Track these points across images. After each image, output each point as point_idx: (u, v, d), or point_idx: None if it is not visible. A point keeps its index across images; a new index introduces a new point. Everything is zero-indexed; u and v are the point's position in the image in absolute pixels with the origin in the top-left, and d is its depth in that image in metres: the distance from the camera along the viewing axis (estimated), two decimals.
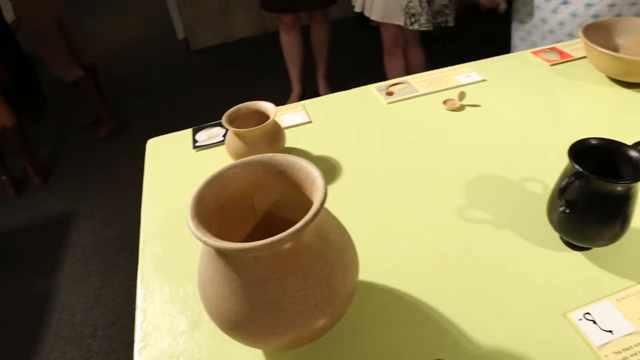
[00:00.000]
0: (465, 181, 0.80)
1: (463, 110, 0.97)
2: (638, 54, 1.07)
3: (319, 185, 0.49)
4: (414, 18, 1.92)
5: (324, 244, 0.49)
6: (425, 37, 2.23)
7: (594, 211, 0.60)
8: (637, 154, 0.60)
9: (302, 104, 1.06)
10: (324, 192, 0.47)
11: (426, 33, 2.03)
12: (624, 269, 0.64)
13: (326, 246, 0.50)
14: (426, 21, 1.92)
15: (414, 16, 1.92)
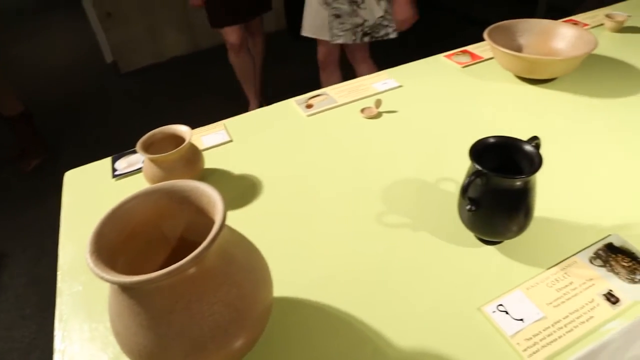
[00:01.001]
0: (383, 187, 0.81)
1: (380, 117, 1.00)
2: (540, 52, 1.13)
3: (219, 209, 0.49)
4: (330, 31, 1.91)
5: (228, 266, 0.49)
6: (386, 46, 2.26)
7: (498, 206, 0.62)
8: (531, 148, 0.63)
9: (222, 123, 1.05)
10: (222, 216, 0.47)
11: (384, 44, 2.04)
12: (532, 258, 0.67)
13: (232, 268, 0.49)
14: (334, 35, 1.90)
15: (331, 29, 1.91)
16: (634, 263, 0.66)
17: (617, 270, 0.65)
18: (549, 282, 0.63)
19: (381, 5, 1.83)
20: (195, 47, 3.99)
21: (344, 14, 1.85)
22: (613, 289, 0.62)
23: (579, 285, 0.63)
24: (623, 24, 1.32)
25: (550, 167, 0.84)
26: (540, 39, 1.15)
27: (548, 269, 0.65)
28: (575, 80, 1.09)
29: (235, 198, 0.84)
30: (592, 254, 0.67)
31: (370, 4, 1.81)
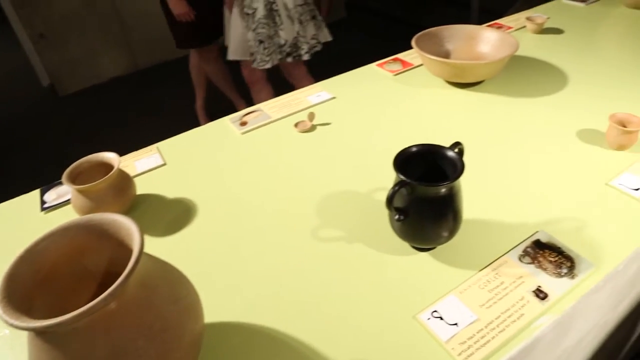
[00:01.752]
0: (318, 201, 0.81)
1: (314, 130, 1.00)
2: (466, 56, 1.16)
3: (136, 242, 0.47)
4: (253, 57, 1.94)
5: (150, 298, 0.48)
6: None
7: (426, 214, 0.63)
8: (453, 154, 0.64)
9: (155, 147, 1.03)
10: (139, 250, 0.46)
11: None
12: (465, 261, 0.68)
13: (154, 300, 0.48)
14: (261, 60, 1.92)
15: (252, 55, 1.94)
16: (560, 257, 0.68)
17: (544, 266, 0.67)
18: (481, 284, 0.65)
19: (295, 26, 1.89)
20: (134, 66, 3.91)
21: (266, 38, 1.87)
22: (541, 285, 0.64)
23: (510, 284, 0.65)
24: (543, 25, 1.38)
25: (479, 168, 0.86)
26: (466, 43, 1.19)
27: (480, 271, 0.67)
28: (501, 81, 1.13)
29: (169, 223, 0.82)
30: (521, 252, 0.69)
31: (287, 24, 1.86)
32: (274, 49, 1.91)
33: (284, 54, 1.93)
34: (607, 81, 1.12)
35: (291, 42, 1.91)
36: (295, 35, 1.91)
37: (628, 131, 0.86)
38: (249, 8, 1.87)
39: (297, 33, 1.91)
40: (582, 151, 0.90)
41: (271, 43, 1.90)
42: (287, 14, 1.87)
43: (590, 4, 1.60)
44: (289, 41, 1.90)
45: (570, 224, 0.74)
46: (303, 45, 1.95)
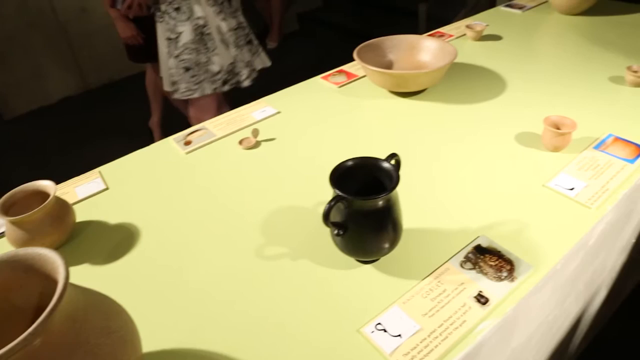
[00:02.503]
0: (262, 219, 0.81)
1: (259, 146, 1.00)
2: (408, 66, 1.19)
3: (61, 276, 0.45)
4: (175, 86, 1.78)
5: (80, 333, 0.46)
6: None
7: (365, 227, 0.64)
8: (389, 165, 0.65)
9: (97, 171, 1.00)
10: (63, 284, 0.44)
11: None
12: (408, 271, 0.69)
13: (84, 334, 0.46)
14: (186, 89, 1.77)
15: (174, 84, 1.78)
16: (500, 261, 0.70)
17: (485, 271, 0.68)
18: (424, 293, 0.65)
19: (230, 51, 1.78)
20: (85, 86, 3.81)
21: (194, 64, 1.74)
22: (483, 290, 0.66)
23: (452, 291, 0.66)
24: (482, 33, 1.42)
25: (421, 177, 0.88)
26: (408, 53, 1.21)
27: (423, 280, 0.67)
28: (443, 88, 1.16)
29: (111, 250, 0.79)
30: (463, 258, 0.70)
31: (221, 49, 1.75)
32: (204, 77, 1.76)
33: (219, 83, 1.79)
34: (543, 85, 1.16)
35: (227, 69, 1.79)
36: (231, 61, 1.80)
37: (561, 133, 0.89)
38: (172, 32, 1.71)
39: (234, 58, 1.80)
40: (520, 154, 0.92)
41: (201, 70, 1.76)
42: (220, 38, 1.75)
43: (526, 11, 1.66)
44: (224, 67, 1.78)
45: (510, 227, 0.76)
46: (242, 71, 1.83)
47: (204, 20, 1.70)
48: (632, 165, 0.88)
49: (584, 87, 1.14)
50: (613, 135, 0.96)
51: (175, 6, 1.68)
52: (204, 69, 1.76)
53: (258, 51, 1.94)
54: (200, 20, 1.69)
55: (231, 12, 1.79)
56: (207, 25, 1.71)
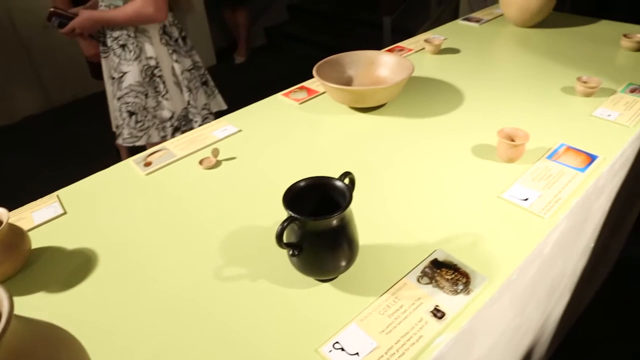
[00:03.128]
0: (222, 239, 0.80)
1: (220, 166, 0.99)
2: (368, 81, 1.20)
3: (5, 310, 0.44)
4: (119, 129, 1.66)
5: None
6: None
7: (320, 246, 0.64)
8: (342, 184, 0.65)
9: (55, 195, 0.98)
10: (7, 318, 0.43)
11: None
12: (366, 287, 0.69)
13: None
14: (130, 135, 1.63)
15: (117, 127, 1.66)
16: (456, 274, 0.71)
17: (441, 285, 0.69)
18: (381, 310, 0.66)
19: (184, 95, 1.64)
20: (48, 104, 3.74)
21: (139, 109, 1.59)
22: (439, 304, 0.66)
23: (409, 306, 0.66)
24: (440, 46, 1.45)
25: (379, 192, 0.89)
26: (367, 69, 1.23)
27: (381, 296, 0.68)
28: (403, 103, 1.18)
29: (68, 277, 0.78)
30: (420, 273, 0.71)
31: (174, 93, 1.62)
32: (152, 124, 1.61)
33: (169, 130, 1.64)
34: (499, 96, 1.19)
35: (180, 115, 1.64)
36: (185, 106, 1.65)
37: (515, 145, 0.92)
38: (115, 71, 1.57)
39: (188, 103, 1.65)
40: (477, 166, 0.94)
41: (148, 116, 1.60)
42: (174, 80, 1.60)
43: (483, 24, 1.70)
44: (177, 113, 1.63)
45: (467, 240, 0.77)
46: (196, 117, 1.68)
47: (155, 61, 1.56)
48: (583, 174, 0.90)
49: (538, 98, 1.17)
50: (565, 144, 0.99)
51: (121, 43, 1.53)
52: (151, 115, 1.61)
53: (214, 93, 1.81)
54: (151, 61, 1.56)
55: (186, 51, 1.66)
56: (159, 67, 1.57)
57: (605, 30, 1.57)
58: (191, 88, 1.66)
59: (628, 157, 1.09)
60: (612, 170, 1.01)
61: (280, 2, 5.04)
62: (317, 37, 4.60)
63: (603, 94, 1.18)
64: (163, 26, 1.57)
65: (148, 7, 1.44)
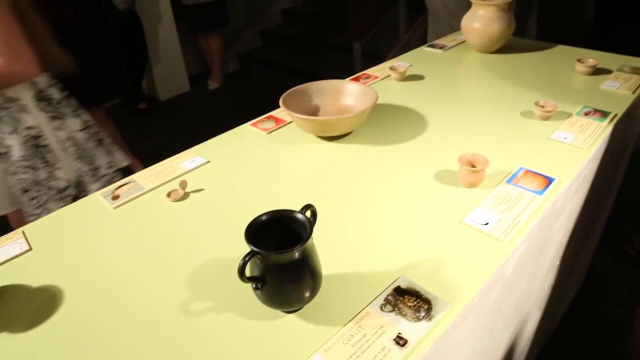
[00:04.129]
0: (188, 273, 0.81)
1: (187, 198, 1.00)
2: (334, 110, 1.23)
3: None
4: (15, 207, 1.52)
5: None
6: None
7: (283, 279, 0.65)
8: (302, 217, 0.67)
9: (20, 231, 0.97)
10: None
11: None
12: (330, 317, 0.70)
13: None
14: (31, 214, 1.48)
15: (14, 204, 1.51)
16: (418, 301, 0.72)
17: (404, 312, 0.71)
18: (345, 339, 0.67)
19: (76, 161, 1.51)
20: None
21: (32, 185, 1.44)
22: (401, 332, 0.68)
23: (372, 335, 0.67)
24: (405, 73, 1.49)
25: (343, 220, 0.90)
26: (332, 97, 1.25)
27: (344, 326, 0.69)
28: (368, 130, 1.20)
29: (32, 316, 0.77)
30: (383, 301, 0.73)
31: (65, 161, 1.48)
32: (48, 197, 1.47)
33: (68, 200, 1.50)
34: (461, 122, 1.23)
35: (75, 181, 1.50)
36: (78, 172, 1.51)
37: (475, 171, 0.95)
38: (2, 146, 1.39)
39: (82, 168, 1.52)
40: (439, 192, 0.97)
41: (42, 189, 1.45)
42: (61, 147, 1.46)
43: (447, 50, 1.76)
44: (73, 181, 1.49)
45: (429, 266, 0.79)
46: (92, 183, 1.55)
47: (37, 130, 1.40)
48: (540, 196, 0.94)
49: (498, 122, 1.21)
50: (524, 168, 1.03)
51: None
52: (46, 187, 1.45)
53: (112, 150, 1.64)
54: (32, 131, 1.39)
55: (71, 111, 1.50)
56: (42, 135, 1.41)
57: (561, 55, 1.64)
58: (85, 149, 1.51)
59: (585, 177, 1.14)
60: (570, 192, 1.04)
61: (253, 28, 5.11)
62: (289, 62, 4.66)
63: (560, 117, 1.22)
64: (38, 91, 1.41)
65: (15, 65, 1.27)
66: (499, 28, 1.60)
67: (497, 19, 1.59)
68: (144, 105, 4.10)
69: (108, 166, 1.59)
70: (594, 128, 1.17)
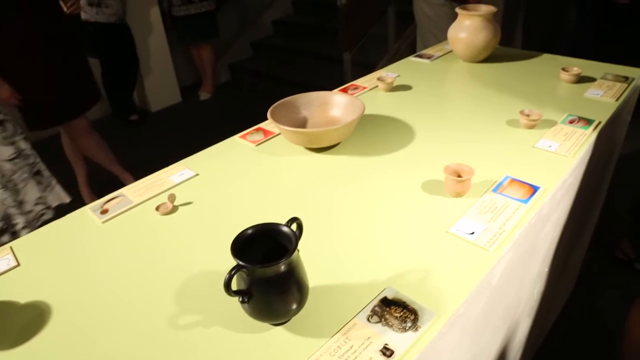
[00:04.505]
0: (177, 286, 0.81)
1: (176, 211, 1.00)
2: (321, 121, 1.24)
3: None
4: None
5: None
6: None
7: (271, 292, 0.66)
8: (288, 230, 0.68)
9: (8, 247, 0.97)
10: None
11: None
12: (318, 329, 0.71)
13: None
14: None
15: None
16: (405, 312, 0.73)
17: (390, 323, 0.71)
18: (332, 351, 0.67)
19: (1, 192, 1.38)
20: None
21: None
22: (388, 343, 0.68)
23: (359, 346, 0.68)
24: (393, 84, 1.51)
25: (331, 231, 0.91)
26: (320, 109, 1.27)
27: (332, 337, 0.69)
28: (356, 141, 1.21)
29: (20, 332, 0.77)
30: (370, 312, 0.73)
31: None
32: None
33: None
34: (448, 131, 1.24)
35: (2, 215, 1.37)
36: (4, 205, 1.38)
37: (461, 180, 0.96)
38: None
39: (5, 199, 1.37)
40: (426, 202, 0.98)
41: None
42: None
43: (434, 60, 1.78)
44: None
45: (416, 276, 0.80)
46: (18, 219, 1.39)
47: None
48: (525, 205, 0.95)
49: (485, 132, 1.23)
50: (510, 177, 1.04)
51: None
52: None
53: (51, 184, 1.53)
54: None
55: (5, 137, 1.41)
56: None
57: (546, 64, 1.66)
58: (16, 182, 1.38)
59: (571, 184, 1.15)
60: (555, 200, 1.06)
61: (244, 38, 5.13)
62: (280, 72, 4.68)
63: (545, 125, 1.24)
64: None
65: None
66: (484, 38, 1.62)
67: (482, 29, 1.61)
68: (135, 117, 4.10)
69: (36, 202, 1.43)
70: (578, 136, 1.18)
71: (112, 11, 3.54)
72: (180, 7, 4.01)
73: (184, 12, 4.04)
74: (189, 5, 4.00)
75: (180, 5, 4.01)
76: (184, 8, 4.01)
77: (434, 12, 2.66)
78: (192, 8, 4.01)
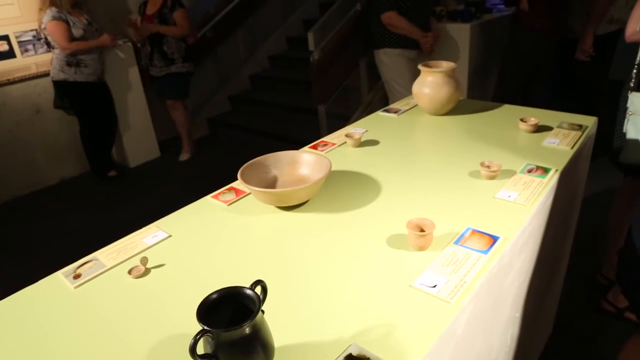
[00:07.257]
0: (147, 350, 0.82)
1: (148, 274, 1.02)
2: (291, 180, 1.28)
3: None
4: None
5: None
6: None
7: (236, 355, 0.68)
8: (252, 292, 0.70)
9: None
10: None
11: None
12: None
13: None
14: None
15: None
16: None
17: None
18: None
19: None
20: None
21: None
22: None
23: None
24: (361, 139, 1.57)
25: (298, 289, 0.93)
26: (289, 167, 1.31)
27: None
28: (324, 198, 1.26)
29: None
30: None
31: None
32: None
33: None
34: (412, 185, 1.29)
35: None
36: None
37: (422, 235, 1.00)
38: None
39: None
40: (390, 257, 1.01)
41: None
42: None
43: (401, 114, 1.86)
44: None
45: (380, 331, 0.82)
46: None
47: None
48: (486, 255, 0.99)
49: (448, 184, 1.28)
50: (471, 228, 1.08)
51: None
52: None
53: None
54: None
55: None
56: None
57: (506, 114, 1.75)
58: None
59: (531, 232, 1.20)
60: (516, 248, 1.10)
61: (222, 93, 5.24)
62: (258, 125, 4.78)
63: (505, 175, 1.30)
64: None
65: None
66: (447, 92, 1.71)
67: (444, 84, 1.70)
68: (114, 173, 4.11)
69: None
70: (536, 185, 1.24)
71: (91, 70, 3.62)
72: (162, 67, 4.08)
73: (157, 72, 4.11)
74: (170, 66, 4.08)
75: (162, 67, 4.07)
76: (165, 68, 4.08)
77: (392, 61, 2.91)
78: (174, 67, 4.09)
